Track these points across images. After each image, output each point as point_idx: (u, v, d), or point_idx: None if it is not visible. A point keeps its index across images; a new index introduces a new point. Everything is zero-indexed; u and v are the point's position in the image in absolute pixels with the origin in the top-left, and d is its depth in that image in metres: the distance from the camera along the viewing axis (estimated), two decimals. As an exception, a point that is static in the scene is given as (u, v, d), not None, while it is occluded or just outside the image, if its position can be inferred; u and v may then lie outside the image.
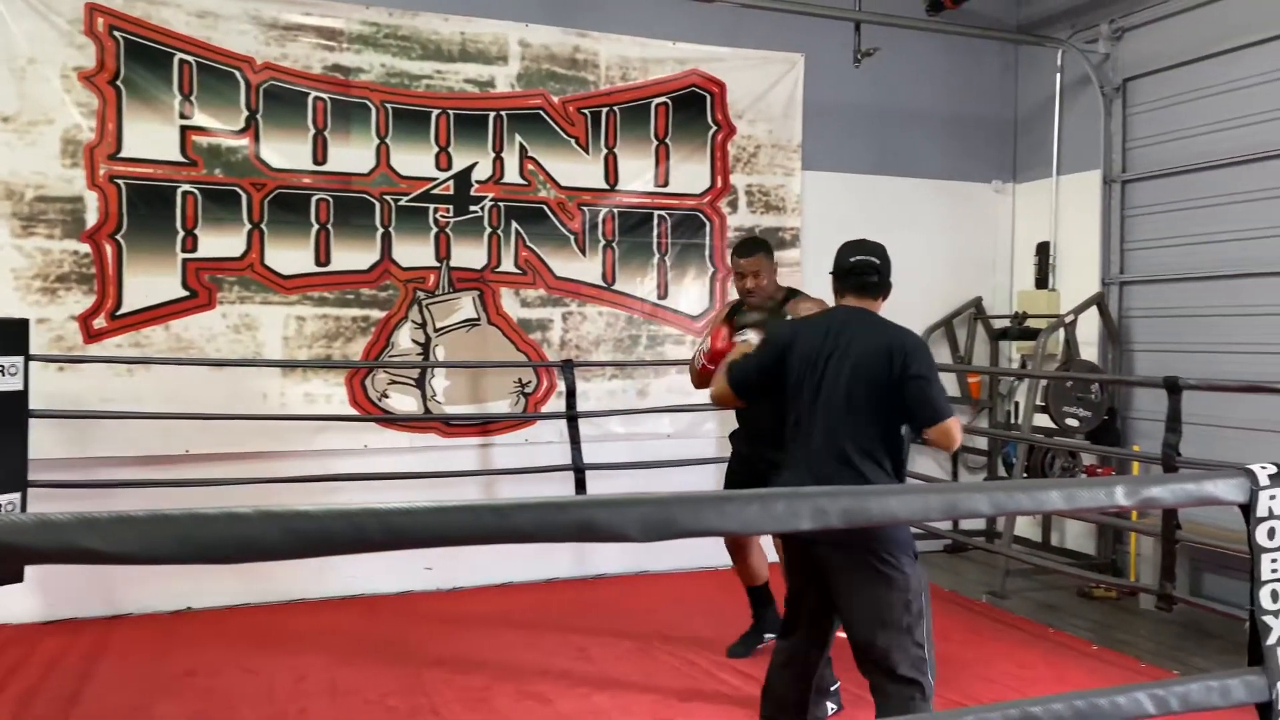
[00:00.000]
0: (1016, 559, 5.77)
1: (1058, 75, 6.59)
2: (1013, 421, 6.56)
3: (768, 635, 4.29)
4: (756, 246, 4.25)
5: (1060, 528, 6.48)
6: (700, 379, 4.01)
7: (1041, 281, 6.67)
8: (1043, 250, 6.68)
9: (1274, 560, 1.42)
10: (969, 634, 4.98)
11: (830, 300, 3.31)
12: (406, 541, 0.89)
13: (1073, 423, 5.77)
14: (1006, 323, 6.71)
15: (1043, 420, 5.99)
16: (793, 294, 4.20)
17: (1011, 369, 6.71)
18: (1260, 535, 1.43)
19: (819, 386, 2.97)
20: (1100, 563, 6.06)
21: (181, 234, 5.15)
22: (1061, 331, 5.98)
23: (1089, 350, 6.17)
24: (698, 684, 4.17)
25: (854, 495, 1.01)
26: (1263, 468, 1.48)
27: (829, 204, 6.47)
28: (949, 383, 6.85)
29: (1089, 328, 6.16)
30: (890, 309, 6.75)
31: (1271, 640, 1.39)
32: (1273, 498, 1.43)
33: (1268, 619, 1.41)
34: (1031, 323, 6.43)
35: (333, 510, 0.85)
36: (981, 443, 6.84)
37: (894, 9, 6.20)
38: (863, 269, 3.06)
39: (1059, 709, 1.14)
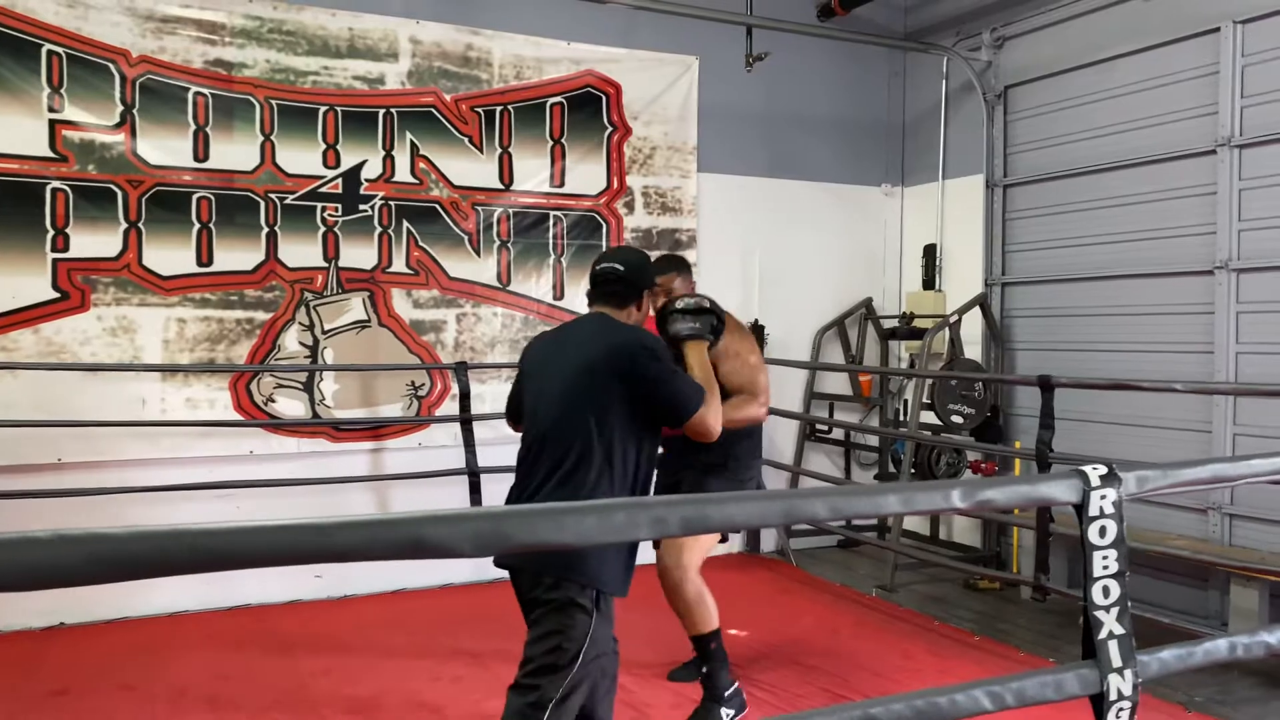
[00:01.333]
0: (904, 554, 5.91)
1: (943, 82, 6.78)
2: (901, 419, 6.72)
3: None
4: (668, 264, 4.01)
5: (949, 522, 6.67)
6: None
7: (929, 283, 6.86)
8: (929, 252, 6.87)
9: (1105, 557, 1.47)
10: (857, 627, 5.09)
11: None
12: (216, 564, 0.85)
13: (958, 420, 5.94)
14: (895, 323, 6.88)
15: (930, 418, 6.16)
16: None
17: (899, 368, 6.88)
18: (1092, 533, 1.49)
19: (545, 400, 2.77)
20: (985, 555, 6.26)
21: (51, 233, 4.93)
22: (946, 331, 6.16)
23: (973, 349, 6.36)
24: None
25: (695, 503, 1.01)
26: (1094, 469, 1.54)
27: (725, 206, 6.55)
28: (839, 381, 7.00)
29: (973, 327, 6.35)
30: (784, 309, 6.88)
31: (1103, 634, 1.45)
32: (1103, 497, 1.49)
33: (1099, 614, 1.47)
34: (919, 323, 6.61)
35: (135, 532, 0.81)
36: (873, 440, 7.00)
37: (786, 14, 6.30)
38: (605, 278, 2.88)
39: (899, 709, 1.17)
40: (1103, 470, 1.53)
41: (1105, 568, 1.46)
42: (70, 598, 4.88)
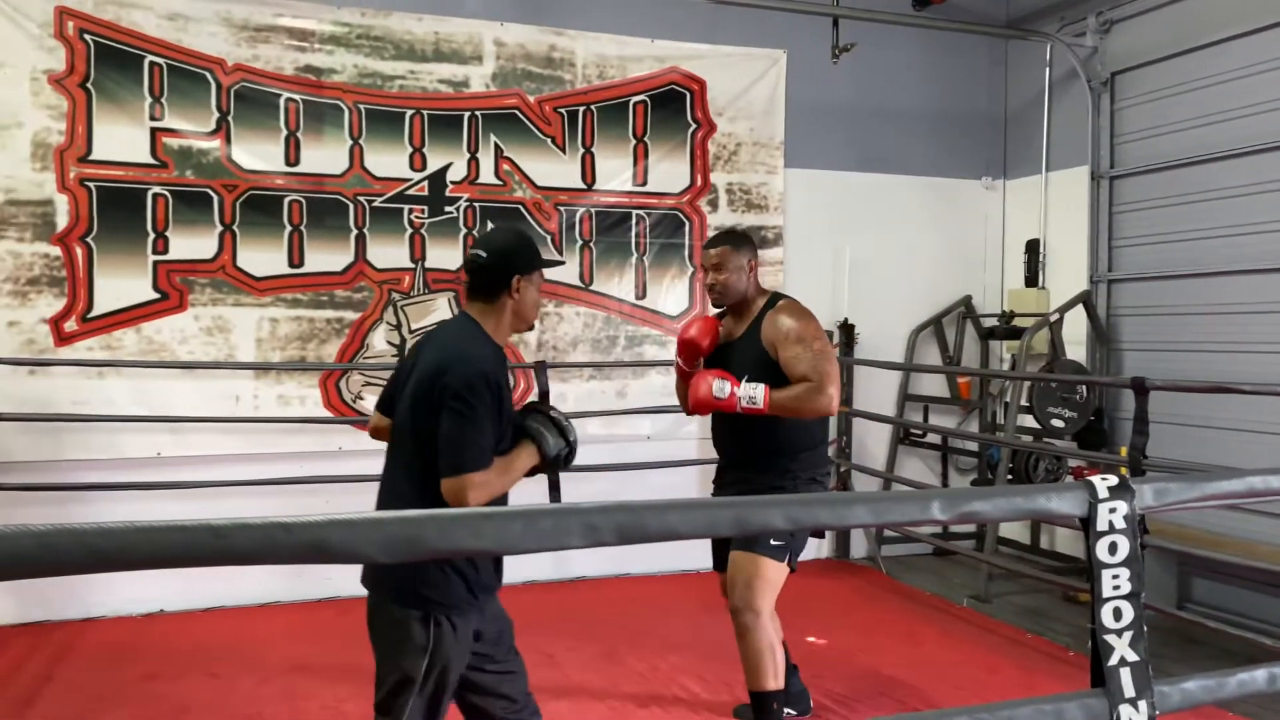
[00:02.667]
0: (996, 565, 5.66)
1: (1046, 70, 6.48)
2: (999, 423, 6.45)
3: (787, 710, 3.68)
4: (723, 238, 3.62)
5: (1050, 530, 6.36)
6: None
7: (1031, 280, 6.56)
8: (1032, 248, 6.57)
9: (1115, 576, 1.34)
10: (944, 638, 4.89)
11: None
12: (107, 564, 0.84)
13: (1058, 424, 5.66)
14: (996, 322, 6.61)
15: (1030, 421, 5.89)
16: (774, 300, 3.56)
17: (992, 369, 6.60)
18: (1100, 550, 1.35)
19: (397, 411, 2.58)
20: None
21: (152, 236, 5.15)
22: (1048, 330, 5.87)
23: (1077, 350, 6.05)
24: (657, 690, 4.11)
25: (630, 511, 0.95)
26: (1103, 479, 1.39)
27: (813, 202, 6.40)
28: (936, 383, 6.76)
29: (1077, 327, 6.05)
30: (876, 308, 6.68)
31: (1114, 661, 1.31)
32: (1112, 510, 1.35)
33: (1109, 638, 1.33)
34: (1020, 321, 6.32)
35: (24, 530, 0.80)
36: (973, 445, 6.73)
37: (876, 4, 6.11)
38: (469, 268, 2.58)
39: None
40: (1112, 481, 1.39)
41: (1116, 588, 1.33)
42: (171, 586, 5.11)
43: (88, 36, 5.04)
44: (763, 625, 3.38)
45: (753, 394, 3.36)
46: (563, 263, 5.75)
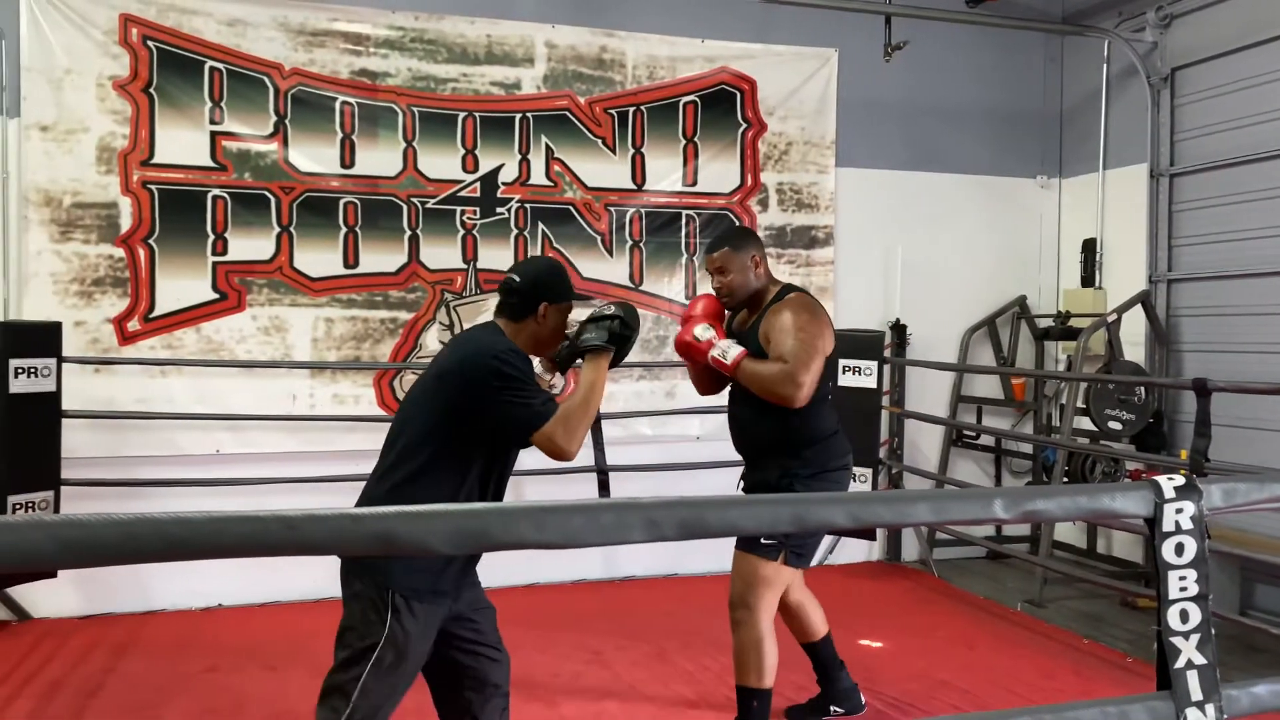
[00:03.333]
0: (1052, 569, 5.57)
1: (1104, 66, 6.36)
2: (1054, 424, 6.35)
3: (834, 709, 3.78)
4: (721, 240, 3.55)
5: (1107, 535, 6.25)
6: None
7: (1087, 280, 6.45)
8: (1088, 247, 6.46)
9: (1182, 578, 1.30)
10: (998, 642, 4.83)
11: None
12: (183, 553, 0.87)
13: (1115, 426, 5.56)
14: (1051, 322, 6.50)
15: (1087, 424, 5.79)
16: (783, 293, 3.45)
17: (1048, 371, 6.50)
18: (1167, 551, 1.32)
19: (405, 400, 2.77)
20: (1147, 571, 5.83)
21: (212, 237, 5.26)
22: (1105, 331, 5.77)
23: (1135, 351, 5.94)
24: (708, 690, 4.11)
25: (692, 506, 0.95)
26: (1169, 479, 1.37)
27: (864, 201, 6.36)
28: (989, 384, 6.67)
29: (1135, 327, 5.94)
30: (928, 308, 6.60)
31: (1180, 663, 1.28)
32: (1179, 511, 1.32)
33: (1176, 640, 1.30)
34: (1076, 322, 6.22)
35: (107, 519, 0.83)
36: (1027, 447, 6.64)
37: (929, 2, 6.05)
38: (502, 289, 2.77)
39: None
40: (1179, 481, 1.37)
41: (1183, 590, 1.30)
42: (229, 582, 5.21)
43: (151, 43, 5.16)
44: (754, 621, 3.34)
45: (726, 349, 3.30)
46: (588, 298, 5.73)
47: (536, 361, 2.90)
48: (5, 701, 3.93)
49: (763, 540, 3.30)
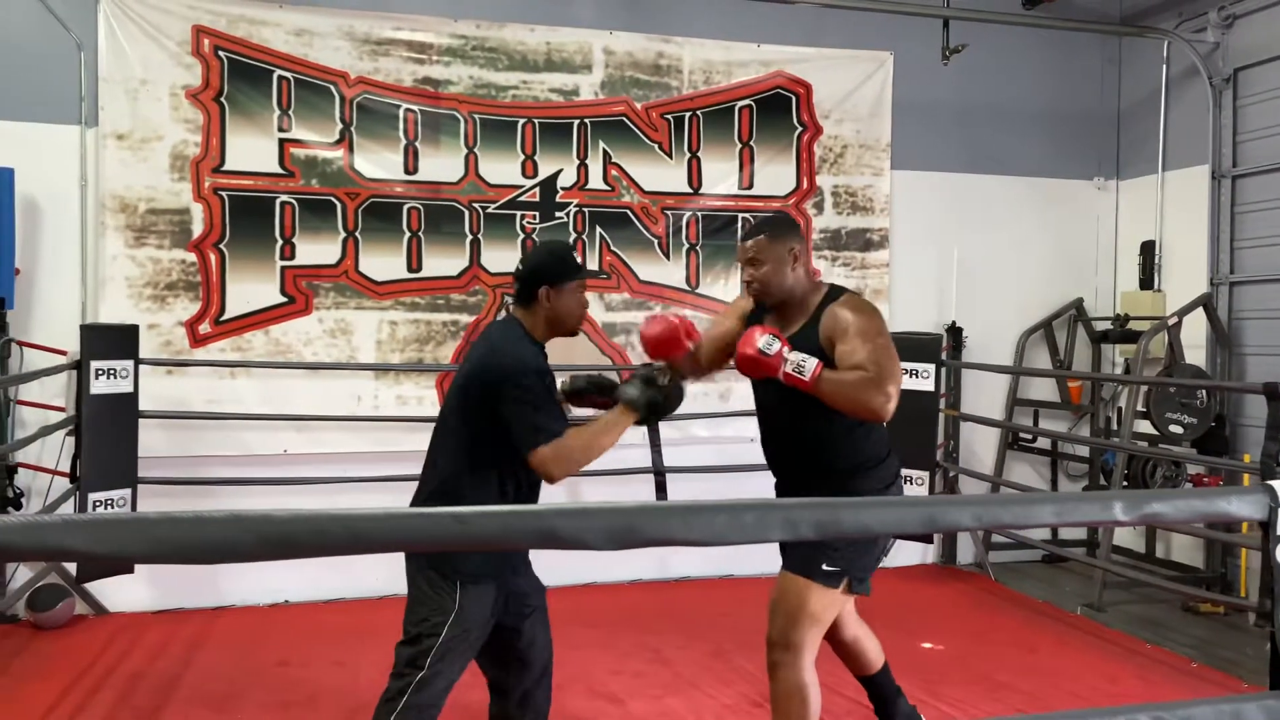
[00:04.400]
0: (1114, 572, 5.54)
1: (1163, 67, 6.32)
2: (1115, 428, 6.31)
3: None
4: (758, 228, 3.18)
5: (1166, 539, 6.20)
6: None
7: (1146, 282, 6.41)
8: (1147, 249, 6.41)
9: (1295, 580, 1.34)
10: (1059, 646, 4.82)
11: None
12: (368, 546, 0.93)
13: (1176, 430, 5.52)
14: (1109, 325, 6.47)
15: (1146, 427, 5.75)
16: (836, 294, 3.10)
17: (1111, 374, 6.46)
18: (1281, 553, 1.35)
19: (444, 401, 2.93)
20: (1208, 577, 5.78)
21: (280, 242, 5.39)
22: (1165, 334, 5.73)
23: (1195, 354, 5.89)
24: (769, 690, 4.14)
25: (828, 507, 1.00)
26: None
27: (919, 203, 6.36)
28: (1045, 387, 6.65)
29: (1196, 330, 5.89)
30: (984, 311, 6.57)
31: (1293, 663, 1.32)
32: (1293, 515, 1.35)
33: (1289, 641, 1.33)
34: (1135, 325, 6.18)
35: (298, 514, 0.90)
36: (1083, 450, 6.60)
37: (986, 4, 6.04)
38: (513, 278, 2.88)
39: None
40: (1294, 485, 1.39)
41: (1297, 591, 1.33)
42: (296, 579, 5.33)
43: (222, 53, 5.30)
44: (792, 664, 2.95)
45: (801, 363, 2.87)
46: (600, 273, 5.77)
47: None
48: (90, 692, 4.07)
49: (825, 566, 2.94)
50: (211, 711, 3.90)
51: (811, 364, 2.88)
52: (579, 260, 2.99)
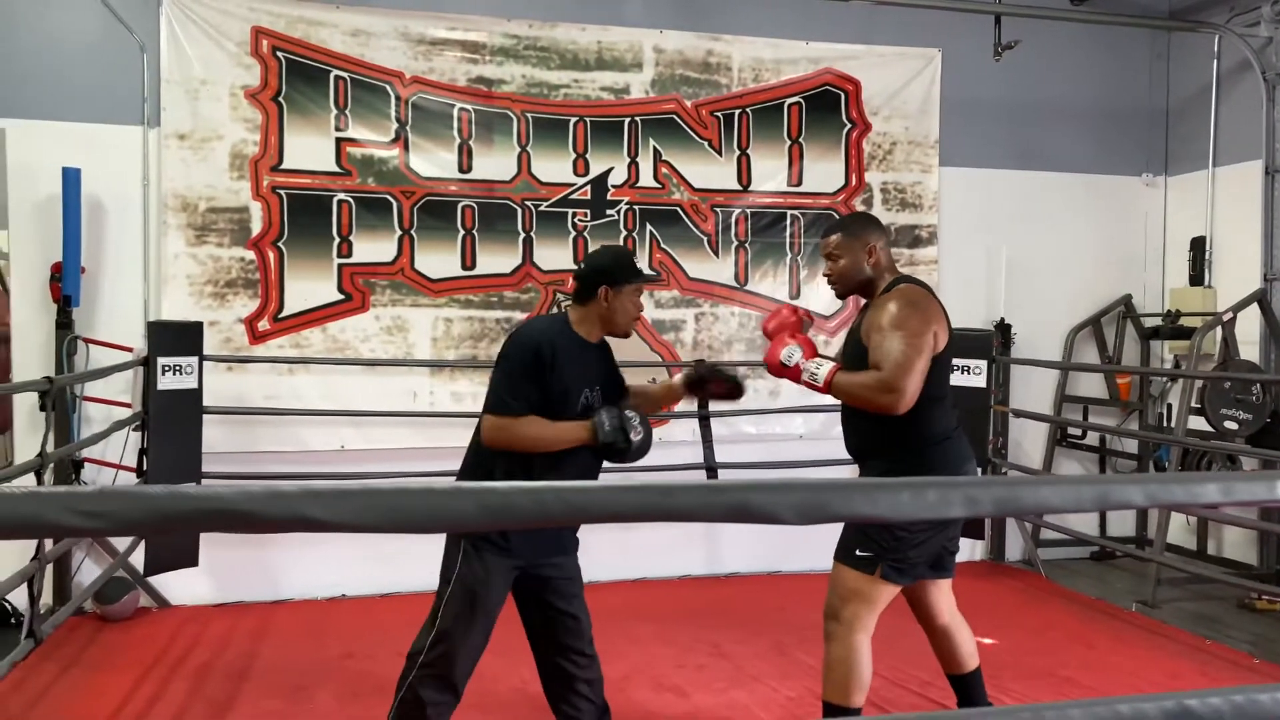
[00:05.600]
0: (1171, 566, 5.53)
1: (1214, 62, 6.29)
2: (1165, 424, 6.29)
3: None
4: (838, 224, 3.44)
5: (1217, 536, 6.18)
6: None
7: (1196, 278, 6.38)
8: (1198, 245, 6.39)
9: None
10: (1116, 642, 4.82)
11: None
12: (583, 517, 0.97)
13: (1231, 425, 5.50)
14: (1158, 321, 6.45)
15: (1199, 423, 5.73)
16: (892, 285, 3.21)
17: (1165, 369, 6.43)
18: None
19: None
20: (1264, 573, 5.76)
21: (337, 240, 5.45)
22: (1219, 330, 5.71)
23: (1250, 350, 5.86)
24: (834, 683, 4.16)
25: (1007, 485, 1.03)
26: None
27: (968, 200, 6.36)
28: (1093, 384, 6.63)
29: (1250, 326, 5.86)
30: (1032, 307, 6.56)
31: None
32: None
33: None
34: (1185, 321, 6.16)
35: (519, 487, 0.94)
36: (1131, 445, 6.58)
37: (1034, 0, 6.04)
38: (574, 275, 3.15)
39: (1216, 703, 1.13)
40: None
41: None
42: (352, 574, 5.40)
43: (280, 53, 5.37)
44: (841, 636, 3.14)
45: (816, 370, 3.07)
46: (657, 277, 5.81)
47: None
48: (162, 682, 4.14)
49: (858, 552, 3.11)
50: (284, 702, 3.96)
51: (824, 371, 3.08)
52: (639, 266, 3.16)
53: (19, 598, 4.68)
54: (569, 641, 3.02)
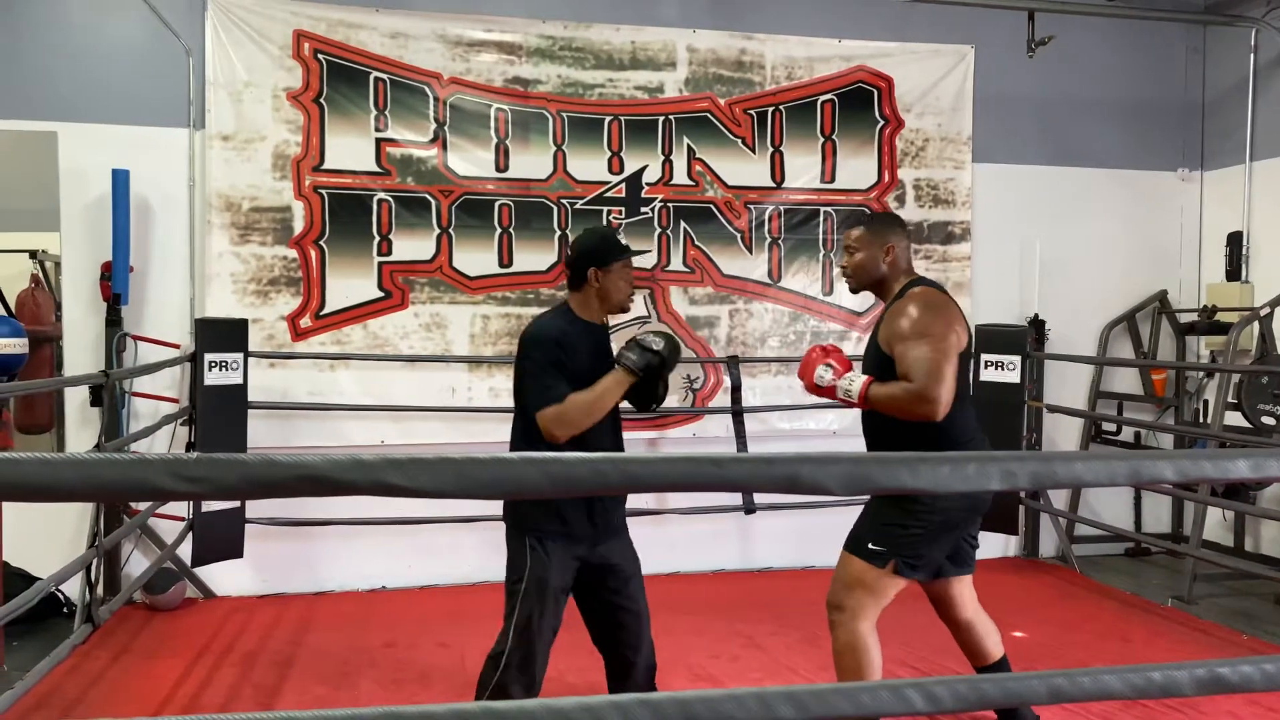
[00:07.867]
0: (1208, 561, 5.51)
1: (1251, 56, 6.26)
2: (1201, 420, 6.26)
3: None
4: (863, 221, 3.51)
5: (1255, 533, 6.15)
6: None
7: (1233, 273, 6.35)
8: (1234, 240, 6.36)
9: None
10: (1152, 637, 4.82)
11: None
12: (640, 486, 1.03)
13: (1269, 420, 5.47)
14: (1193, 317, 6.42)
15: (1235, 420, 5.71)
16: (908, 288, 3.27)
17: (1201, 364, 6.40)
18: None
19: None
20: (1301, 570, 5.71)
21: (377, 239, 5.55)
22: (1255, 325, 5.68)
23: (1287, 345, 5.83)
24: (869, 674, 4.21)
25: (1042, 459, 1.07)
26: None
27: (1001, 196, 6.37)
28: (1128, 380, 6.61)
29: (1286, 321, 5.83)
30: (1066, 303, 6.55)
31: None
32: None
33: None
34: (1222, 316, 6.13)
35: (580, 457, 1.00)
36: (1166, 440, 6.55)
37: (1069, -5, 6.04)
38: (564, 264, 3.27)
39: (1248, 671, 1.17)
40: None
41: None
42: (393, 565, 5.50)
43: (321, 56, 5.48)
44: (845, 623, 3.17)
45: (849, 387, 3.14)
46: (647, 251, 5.81)
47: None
48: (211, 669, 4.25)
49: (871, 545, 3.14)
50: (330, 688, 4.06)
51: (858, 386, 3.15)
52: (623, 241, 3.30)
53: (70, 589, 4.82)
54: (627, 638, 3.19)
